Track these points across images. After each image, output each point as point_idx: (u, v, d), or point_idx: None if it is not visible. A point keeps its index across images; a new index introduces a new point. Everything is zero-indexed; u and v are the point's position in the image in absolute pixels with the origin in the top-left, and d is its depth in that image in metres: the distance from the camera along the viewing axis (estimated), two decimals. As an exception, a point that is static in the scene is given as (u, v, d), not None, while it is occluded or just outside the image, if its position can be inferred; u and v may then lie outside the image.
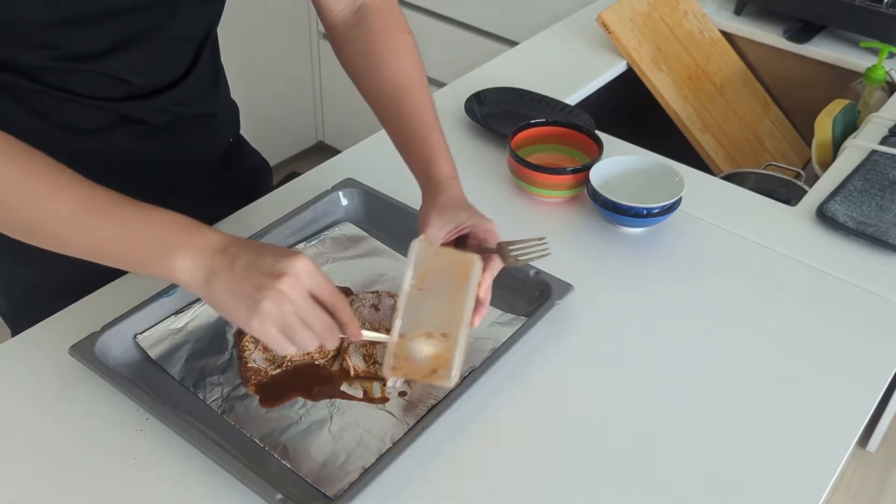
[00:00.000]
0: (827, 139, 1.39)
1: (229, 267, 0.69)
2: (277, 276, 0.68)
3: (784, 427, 0.84)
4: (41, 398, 0.83)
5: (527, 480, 0.78)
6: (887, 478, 1.96)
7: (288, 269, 0.68)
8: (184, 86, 0.95)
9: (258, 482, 0.71)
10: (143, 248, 0.70)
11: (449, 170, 0.88)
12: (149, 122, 0.95)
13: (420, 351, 0.74)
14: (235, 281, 0.69)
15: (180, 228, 0.71)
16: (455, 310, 0.75)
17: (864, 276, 1.02)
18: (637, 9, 1.53)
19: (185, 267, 0.70)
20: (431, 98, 0.93)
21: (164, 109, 0.95)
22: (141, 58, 0.88)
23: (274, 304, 0.68)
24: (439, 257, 0.78)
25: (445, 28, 2.29)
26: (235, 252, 0.70)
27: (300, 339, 0.70)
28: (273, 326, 0.69)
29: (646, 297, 0.98)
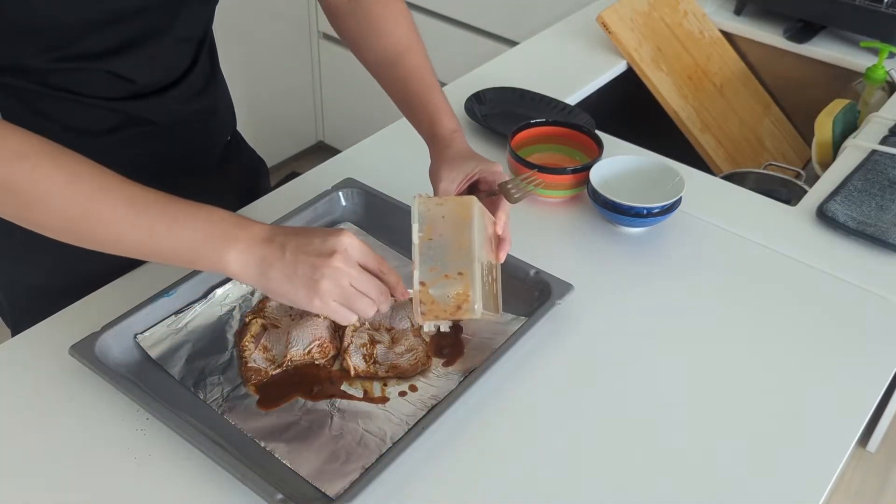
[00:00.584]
0: (827, 139, 1.39)
1: (280, 255, 0.73)
2: (329, 254, 0.73)
3: (784, 427, 0.84)
4: (41, 398, 0.83)
5: (527, 480, 0.78)
6: (887, 478, 1.96)
7: (337, 245, 0.73)
8: (185, 84, 0.96)
9: (258, 482, 0.71)
10: (194, 245, 0.73)
11: (452, 125, 0.93)
12: (154, 122, 0.95)
13: (442, 293, 0.79)
14: (289, 267, 0.73)
15: (228, 223, 0.74)
16: (464, 249, 0.80)
17: (864, 276, 1.02)
18: (637, 9, 1.53)
19: (238, 260, 0.73)
20: (429, 60, 0.99)
21: (168, 108, 0.96)
22: (144, 58, 0.89)
23: (331, 281, 0.73)
24: (440, 206, 0.83)
25: (445, 28, 2.29)
26: (282, 240, 0.74)
27: (361, 308, 0.75)
28: (334, 301, 0.74)
29: (646, 297, 0.98)
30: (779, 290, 1.00)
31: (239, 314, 0.92)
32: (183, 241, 0.73)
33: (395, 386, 0.85)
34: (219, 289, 0.93)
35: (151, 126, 0.96)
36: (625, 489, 0.77)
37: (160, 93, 0.94)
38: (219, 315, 0.91)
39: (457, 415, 0.81)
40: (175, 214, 0.73)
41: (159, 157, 0.98)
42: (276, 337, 0.88)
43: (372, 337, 0.88)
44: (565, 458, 0.80)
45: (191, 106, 0.99)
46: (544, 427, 0.83)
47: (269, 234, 0.74)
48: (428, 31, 2.30)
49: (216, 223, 0.74)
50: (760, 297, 0.99)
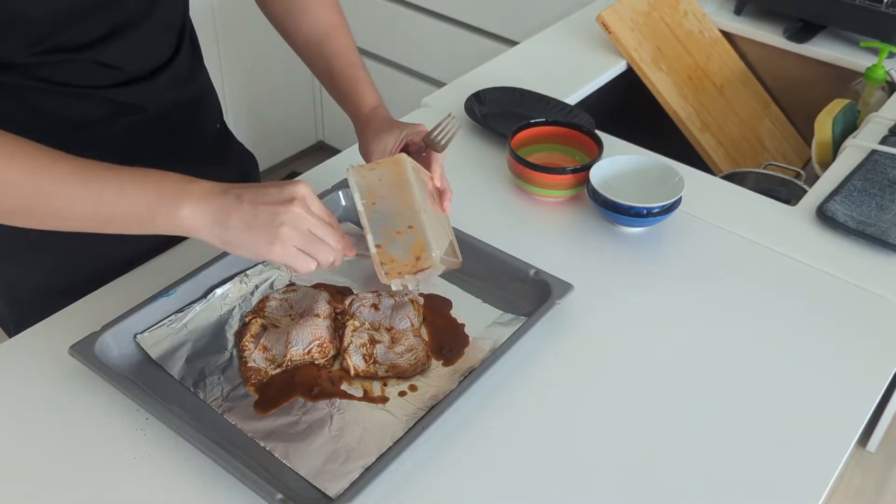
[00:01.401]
0: (827, 139, 1.39)
1: (237, 204, 0.74)
2: (288, 200, 0.74)
3: (784, 427, 0.84)
4: (41, 398, 0.83)
5: (527, 480, 0.78)
6: (887, 478, 1.96)
7: (296, 192, 0.74)
8: (171, 69, 0.97)
9: (258, 482, 0.71)
10: (147, 205, 0.74)
11: (374, 100, 0.98)
12: (144, 109, 0.96)
13: (399, 249, 0.83)
14: (248, 215, 0.73)
15: (178, 181, 0.75)
16: (407, 203, 0.84)
17: (864, 276, 1.02)
18: (637, 8, 1.53)
19: (193, 213, 0.74)
20: (353, 39, 1.04)
21: (157, 94, 0.96)
22: (129, 45, 0.90)
23: (291, 227, 0.74)
24: (374, 171, 0.86)
25: (445, 28, 2.29)
26: (238, 191, 0.75)
27: (322, 254, 0.77)
28: (294, 247, 0.74)
29: (646, 297, 0.98)
30: (778, 289, 1.00)
31: (239, 314, 0.92)
32: (134, 204, 0.74)
33: (395, 386, 0.85)
34: (218, 289, 0.93)
35: (142, 114, 0.96)
36: (624, 488, 0.77)
37: (148, 79, 0.95)
38: (218, 315, 0.91)
39: (457, 415, 0.81)
40: (123, 180, 0.74)
41: (152, 145, 0.99)
42: (275, 337, 0.88)
43: (372, 337, 0.88)
44: (565, 457, 0.80)
45: (179, 92, 1.00)
46: (544, 427, 0.83)
47: (222, 187, 0.75)
48: (428, 31, 2.31)
49: (166, 182, 0.75)
50: (760, 297, 0.99)
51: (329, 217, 0.79)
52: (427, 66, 2.38)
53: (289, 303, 0.92)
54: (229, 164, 1.16)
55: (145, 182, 0.74)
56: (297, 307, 0.91)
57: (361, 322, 0.90)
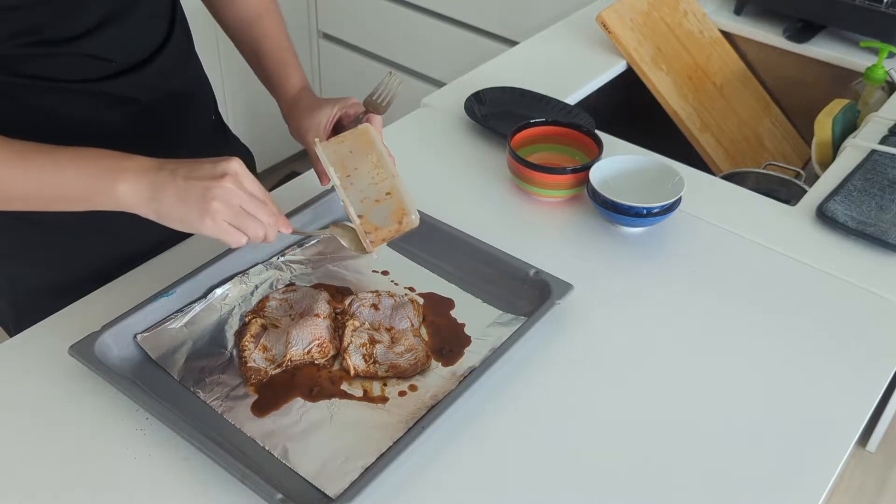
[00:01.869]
0: (827, 139, 1.39)
1: (171, 179, 0.76)
2: (220, 176, 0.76)
3: (784, 426, 0.84)
4: (41, 398, 0.83)
5: (527, 479, 0.78)
6: (887, 477, 1.96)
7: (228, 169, 0.76)
8: (161, 59, 0.97)
9: (258, 482, 0.71)
10: (85, 182, 0.77)
11: (302, 82, 1.01)
12: (137, 100, 0.96)
13: (380, 216, 0.85)
14: (181, 190, 0.76)
15: (114, 158, 0.78)
16: (381, 171, 0.87)
17: (864, 276, 1.02)
18: (637, 8, 1.53)
19: (129, 189, 0.76)
20: (284, 23, 1.06)
21: (148, 85, 0.97)
22: (118, 36, 0.91)
23: (223, 201, 0.75)
24: (343, 144, 0.89)
25: (445, 28, 2.29)
26: (173, 167, 0.77)
27: (251, 230, 0.78)
28: (225, 222, 0.76)
29: (646, 297, 0.98)
30: (778, 289, 1.00)
31: (239, 314, 0.92)
32: (74, 185, 0.77)
33: (395, 386, 0.85)
34: (218, 289, 0.93)
35: (135, 105, 0.96)
36: (624, 488, 0.77)
37: (138, 69, 0.95)
38: (218, 315, 0.91)
39: (457, 415, 0.81)
40: (62, 160, 0.77)
41: (146, 137, 0.99)
42: (275, 337, 0.88)
43: (372, 337, 0.88)
44: (565, 457, 0.80)
45: (171, 82, 1.00)
46: (544, 426, 0.83)
47: (157, 163, 0.77)
48: (428, 31, 2.31)
49: (103, 160, 0.77)
50: (760, 296, 0.99)
51: (262, 193, 0.80)
52: (427, 66, 2.38)
53: (288, 303, 0.92)
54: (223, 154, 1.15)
55: (83, 162, 0.77)
56: (296, 307, 0.91)
57: (361, 322, 0.90)
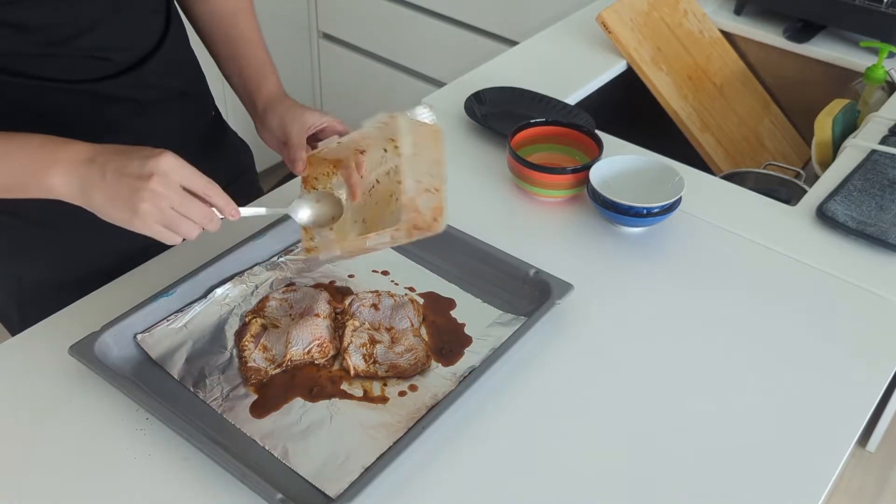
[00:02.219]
0: (827, 139, 1.39)
1: (100, 176, 0.74)
2: (147, 177, 0.73)
3: (784, 426, 0.84)
4: (41, 398, 0.83)
5: (527, 479, 0.78)
6: (887, 477, 1.96)
7: (155, 168, 0.73)
8: (159, 57, 0.98)
9: (258, 482, 0.71)
10: (21, 173, 0.77)
11: (280, 86, 1.00)
12: (136, 100, 0.96)
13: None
14: (110, 189, 0.74)
15: (50, 148, 0.76)
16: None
17: (864, 276, 1.02)
18: (637, 8, 1.53)
19: (61, 182, 0.75)
20: (258, 23, 1.04)
21: (148, 84, 0.97)
22: (116, 33, 0.91)
23: (151, 203, 0.74)
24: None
25: (445, 28, 2.29)
26: (103, 160, 0.75)
27: (183, 230, 0.76)
28: (156, 224, 0.75)
29: (645, 297, 0.98)
30: (778, 289, 1.00)
31: (239, 314, 0.92)
32: (11, 172, 0.77)
33: (395, 386, 0.85)
34: (218, 288, 0.93)
35: (134, 104, 0.96)
36: (624, 488, 0.77)
37: (137, 67, 0.95)
38: (218, 315, 0.91)
39: (457, 415, 0.81)
40: (2, 148, 0.76)
41: (145, 138, 0.98)
42: (275, 337, 0.88)
43: (372, 337, 0.88)
44: (565, 457, 0.80)
45: (169, 80, 1.00)
46: (544, 426, 0.83)
47: (89, 154, 0.76)
48: (428, 31, 2.31)
49: (37, 150, 0.76)
50: (760, 296, 0.99)
51: (202, 185, 0.77)
52: (427, 66, 2.38)
53: (288, 303, 0.92)
54: (223, 150, 1.17)
55: (20, 153, 0.77)
56: (296, 307, 0.91)
57: (361, 322, 0.90)
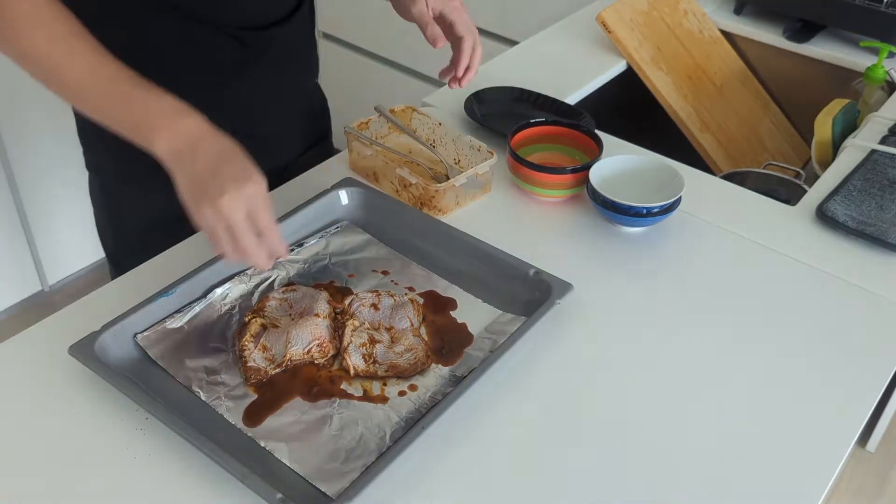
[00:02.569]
0: (827, 139, 1.39)
1: (191, 161, 0.78)
2: (222, 193, 0.76)
3: (783, 426, 0.84)
4: (41, 398, 0.83)
5: (526, 479, 0.78)
6: (887, 477, 1.96)
7: (237, 191, 0.76)
8: (290, 24, 1.07)
9: (258, 482, 0.71)
10: (135, 122, 0.81)
11: None
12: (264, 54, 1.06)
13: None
14: (193, 177, 0.78)
15: (166, 113, 0.80)
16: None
17: (864, 276, 1.02)
18: (637, 8, 1.53)
19: (162, 148, 0.79)
20: None
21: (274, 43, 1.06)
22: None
23: (213, 212, 0.76)
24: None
25: (445, 27, 2.29)
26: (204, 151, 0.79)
27: (245, 244, 0.78)
28: (207, 227, 0.78)
29: (645, 297, 0.98)
30: (778, 289, 1.00)
31: (238, 314, 0.92)
32: (125, 117, 0.82)
33: (395, 385, 0.85)
34: (218, 288, 0.93)
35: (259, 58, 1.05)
36: (624, 488, 0.77)
37: (268, 28, 1.04)
38: (218, 314, 0.91)
39: (456, 414, 0.81)
40: (126, 92, 0.81)
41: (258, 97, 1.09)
42: (275, 336, 0.88)
43: (371, 336, 0.88)
44: (565, 457, 0.80)
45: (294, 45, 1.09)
46: (544, 426, 0.83)
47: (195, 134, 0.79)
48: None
49: (156, 109, 0.81)
50: (760, 296, 0.99)
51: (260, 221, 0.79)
52: (427, 66, 2.38)
53: (288, 302, 0.92)
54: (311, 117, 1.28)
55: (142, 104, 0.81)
56: (296, 307, 0.91)
57: (361, 322, 0.90)
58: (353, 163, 1.17)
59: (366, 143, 1.12)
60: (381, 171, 1.12)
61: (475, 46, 1.08)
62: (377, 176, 1.14)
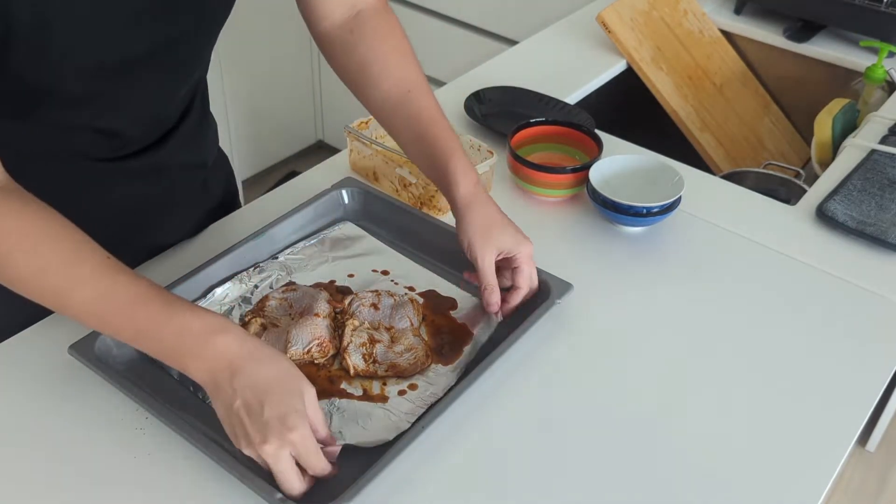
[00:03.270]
0: (827, 138, 1.39)
1: (229, 403, 0.70)
2: (290, 425, 0.69)
3: (784, 426, 0.84)
4: (41, 398, 0.83)
5: (526, 479, 0.78)
6: (886, 477, 1.96)
7: (282, 438, 0.68)
8: (180, 132, 0.94)
9: (258, 482, 0.71)
10: (167, 347, 0.72)
11: (473, 179, 0.89)
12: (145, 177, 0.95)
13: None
14: (230, 418, 0.70)
15: (197, 334, 0.71)
16: None
17: (864, 276, 1.02)
18: (637, 8, 1.53)
19: (198, 376, 0.72)
20: (436, 99, 0.94)
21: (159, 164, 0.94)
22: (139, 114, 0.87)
23: (279, 449, 0.69)
24: None
25: (445, 28, 2.29)
26: (242, 386, 0.70)
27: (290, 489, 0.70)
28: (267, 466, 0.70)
29: (645, 296, 0.98)
30: (778, 289, 1.00)
31: (238, 313, 0.92)
32: (150, 349, 0.74)
33: (395, 385, 0.85)
34: (218, 288, 0.93)
35: (141, 180, 0.94)
36: (624, 488, 0.77)
37: (150, 149, 0.92)
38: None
39: (456, 414, 0.81)
40: (142, 325, 0.72)
41: (145, 202, 0.97)
42: (275, 336, 0.88)
43: (371, 336, 0.88)
44: (565, 456, 0.80)
45: (185, 155, 0.97)
46: (544, 426, 0.83)
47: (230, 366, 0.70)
48: (428, 31, 2.31)
49: (181, 332, 0.71)
50: (759, 296, 0.99)
51: (309, 463, 0.71)
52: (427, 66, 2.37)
53: (288, 302, 0.92)
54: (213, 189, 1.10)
55: (162, 340, 0.72)
56: (296, 306, 0.91)
57: (361, 321, 0.90)
58: (353, 163, 1.17)
59: (366, 142, 1.12)
60: (381, 171, 1.12)
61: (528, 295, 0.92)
62: (377, 176, 1.14)
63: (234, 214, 1.08)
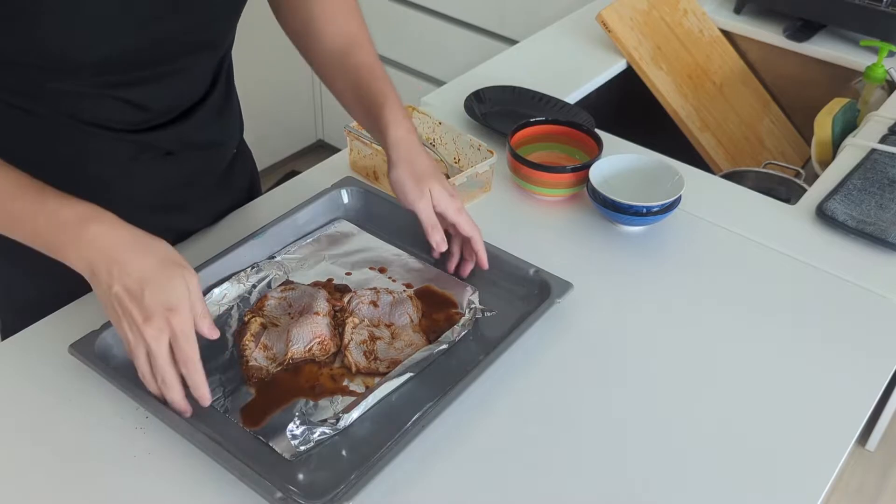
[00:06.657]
0: (826, 138, 1.39)
1: (107, 287, 0.72)
2: (148, 319, 0.71)
3: (783, 425, 0.84)
4: (41, 397, 0.83)
5: (526, 478, 0.78)
6: (886, 476, 1.96)
7: (163, 324, 0.71)
8: (203, 108, 0.95)
9: (258, 480, 0.71)
10: (44, 238, 0.75)
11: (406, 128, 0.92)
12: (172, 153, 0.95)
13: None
14: (108, 299, 0.72)
15: (70, 222, 0.73)
16: None
17: (864, 275, 1.02)
18: (637, 7, 1.53)
19: (77, 265, 0.74)
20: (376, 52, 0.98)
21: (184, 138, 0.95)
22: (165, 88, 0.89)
23: (133, 336, 0.72)
24: None
25: (445, 27, 2.29)
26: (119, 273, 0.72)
27: (166, 376, 0.74)
28: (143, 346, 0.73)
29: (645, 296, 0.98)
30: (778, 288, 1.00)
31: (237, 313, 0.92)
32: (35, 232, 0.75)
33: (395, 384, 0.85)
34: (216, 288, 0.93)
35: (167, 155, 0.95)
36: (624, 487, 0.77)
37: (176, 122, 0.92)
38: (217, 314, 0.91)
39: (456, 413, 0.81)
40: (30, 207, 0.74)
41: (170, 181, 0.98)
42: (275, 335, 0.88)
43: (372, 333, 0.88)
44: (565, 455, 0.80)
45: (207, 133, 0.98)
46: (544, 425, 0.83)
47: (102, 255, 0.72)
48: (428, 31, 2.31)
49: (56, 220, 0.73)
50: (760, 295, 0.99)
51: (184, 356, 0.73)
52: (427, 66, 2.38)
53: (287, 301, 0.92)
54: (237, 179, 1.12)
55: (48, 219, 0.74)
56: (295, 305, 0.91)
57: (361, 319, 0.90)
58: (353, 162, 1.17)
59: (366, 142, 1.12)
60: (381, 171, 1.12)
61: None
62: (377, 175, 1.14)
63: (234, 213, 1.08)
